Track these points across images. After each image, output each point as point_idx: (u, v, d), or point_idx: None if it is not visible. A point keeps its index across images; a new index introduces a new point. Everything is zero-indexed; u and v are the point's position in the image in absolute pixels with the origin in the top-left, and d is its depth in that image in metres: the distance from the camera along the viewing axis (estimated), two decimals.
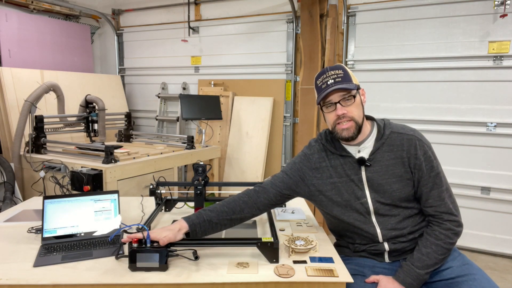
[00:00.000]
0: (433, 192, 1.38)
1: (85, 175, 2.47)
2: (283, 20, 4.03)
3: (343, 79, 1.37)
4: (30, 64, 4.18)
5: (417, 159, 1.39)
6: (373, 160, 1.43)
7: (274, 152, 4.14)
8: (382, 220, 1.43)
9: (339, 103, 1.38)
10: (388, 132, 1.44)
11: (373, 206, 1.43)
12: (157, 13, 4.77)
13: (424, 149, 1.40)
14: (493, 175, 3.24)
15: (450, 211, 1.38)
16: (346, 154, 1.46)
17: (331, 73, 1.40)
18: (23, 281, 1.17)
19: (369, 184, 1.43)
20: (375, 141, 1.45)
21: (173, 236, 1.29)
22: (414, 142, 1.40)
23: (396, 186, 1.40)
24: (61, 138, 3.69)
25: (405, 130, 1.44)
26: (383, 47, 3.56)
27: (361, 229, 1.45)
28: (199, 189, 1.77)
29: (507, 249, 3.23)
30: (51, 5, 4.36)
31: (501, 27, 3.10)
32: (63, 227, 1.50)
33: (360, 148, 1.45)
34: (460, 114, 3.31)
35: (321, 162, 1.50)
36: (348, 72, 1.41)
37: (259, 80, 4.21)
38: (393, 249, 1.43)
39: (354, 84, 1.38)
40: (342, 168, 1.46)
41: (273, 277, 1.22)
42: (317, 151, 1.52)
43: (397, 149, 1.42)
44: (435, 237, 1.36)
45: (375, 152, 1.43)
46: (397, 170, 1.41)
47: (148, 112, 4.98)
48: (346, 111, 1.38)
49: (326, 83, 1.39)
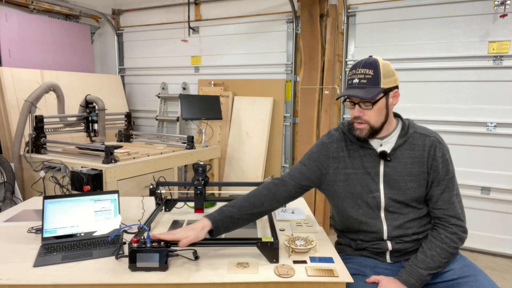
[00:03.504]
0: (444, 195, 1.40)
1: (85, 175, 2.47)
2: (283, 20, 4.03)
3: (368, 81, 1.34)
4: (30, 64, 4.18)
5: (434, 160, 1.41)
6: (393, 156, 1.44)
7: (274, 152, 4.14)
8: (390, 217, 1.43)
9: (358, 105, 1.38)
10: (412, 131, 1.45)
11: (384, 201, 1.43)
12: (157, 13, 4.77)
13: (443, 152, 1.42)
14: (493, 175, 3.24)
15: (457, 215, 1.38)
16: (368, 146, 1.46)
17: (360, 71, 1.36)
18: (23, 281, 1.17)
19: (385, 179, 1.43)
20: (397, 137, 1.45)
21: (196, 236, 1.27)
22: (434, 144, 1.42)
23: (411, 184, 1.41)
24: (61, 138, 3.69)
25: (427, 132, 1.46)
26: (383, 47, 3.56)
27: (367, 224, 1.45)
28: (199, 189, 1.77)
29: (507, 249, 3.23)
30: (51, 5, 4.36)
31: (501, 27, 3.10)
32: (63, 227, 1.50)
33: (383, 142, 1.45)
34: (460, 114, 3.31)
35: (339, 152, 1.50)
36: (380, 73, 1.34)
37: (259, 80, 4.21)
38: (396, 248, 1.43)
39: (378, 89, 1.33)
40: (360, 160, 1.46)
41: (273, 277, 1.22)
42: (336, 140, 1.52)
43: (418, 148, 1.43)
44: (440, 240, 1.37)
45: (397, 148, 1.44)
46: (415, 169, 1.42)
47: (148, 112, 4.98)
48: (363, 114, 1.38)
49: (352, 81, 1.38)
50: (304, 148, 3.84)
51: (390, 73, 1.37)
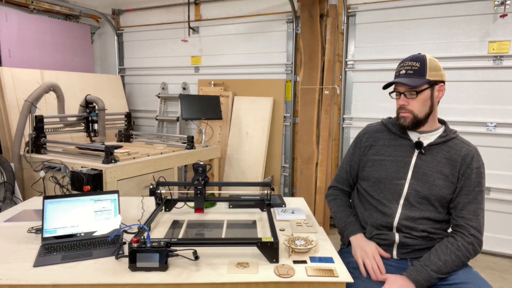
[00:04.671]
0: (471, 206, 1.41)
1: (85, 175, 2.47)
2: (283, 20, 4.03)
3: (415, 72, 1.42)
4: (30, 64, 4.18)
5: (468, 168, 1.43)
6: (428, 151, 1.48)
7: (274, 152, 4.14)
8: (407, 207, 1.46)
9: (404, 94, 1.45)
10: (453, 136, 1.49)
11: (407, 190, 1.46)
12: (157, 13, 4.77)
13: (479, 164, 1.44)
14: (493, 175, 3.24)
15: (479, 228, 1.40)
16: (406, 137, 1.52)
17: (408, 63, 1.45)
18: (23, 281, 1.17)
19: (414, 170, 1.47)
20: (438, 137, 1.49)
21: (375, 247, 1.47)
22: (472, 154, 1.45)
23: (439, 182, 1.44)
24: (61, 138, 3.69)
25: (468, 143, 1.50)
26: (383, 47, 3.56)
27: (383, 205, 1.49)
28: (199, 189, 1.77)
29: (507, 249, 3.23)
30: (51, 5, 4.36)
31: (501, 27, 3.10)
32: (63, 227, 1.50)
33: (422, 136, 1.50)
34: (460, 114, 3.32)
35: (372, 141, 1.59)
36: (426, 65, 1.42)
37: (259, 80, 4.21)
38: (403, 242, 1.45)
39: (423, 80, 1.41)
40: (394, 149, 1.52)
41: (273, 277, 1.22)
42: (371, 131, 1.62)
43: (454, 152, 1.46)
44: (457, 247, 1.37)
45: (434, 145, 1.48)
46: (446, 169, 1.45)
47: (148, 112, 4.98)
48: (407, 103, 1.45)
49: (399, 72, 1.46)
50: (304, 148, 3.85)
51: (437, 68, 1.44)
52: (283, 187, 4.25)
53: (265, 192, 1.91)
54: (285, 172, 4.20)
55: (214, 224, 1.69)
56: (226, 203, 2.00)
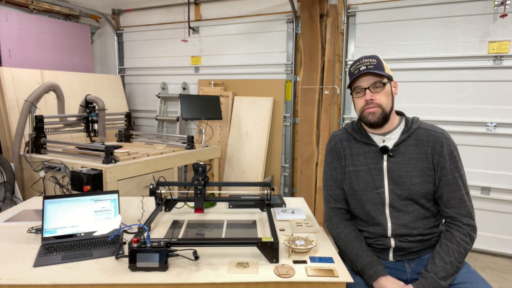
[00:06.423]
0: (456, 194, 1.39)
1: (85, 175, 2.47)
2: (283, 20, 4.03)
3: (375, 66, 1.41)
4: (30, 64, 4.18)
5: (441, 157, 1.39)
6: (397, 152, 1.44)
7: (274, 152, 4.14)
8: (395, 215, 1.43)
9: (369, 89, 1.42)
10: (416, 127, 1.46)
11: (389, 197, 1.43)
12: (157, 13, 4.77)
13: (450, 148, 1.40)
14: (493, 175, 3.24)
15: (470, 214, 1.39)
16: (371, 142, 1.48)
17: (364, 61, 1.44)
18: (23, 281, 1.17)
19: (389, 175, 1.44)
20: (401, 133, 1.46)
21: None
22: (441, 140, 1.41)
23: (416, 180, 1.41)
24: (61, 138, 3.69)
25: (433, 128, 1.46)
26: (383, 47, 3.56)
27: (373, 218, 1.46)
28: (199, 189, 1.77)
29: (507, 249, 3.23)
30: (51, 5, 4.36)
31: (501, 27, 3.10)
32: (63, 227, 1.50)
33: (385, 138, 1.47)
34: (460, 114, 3.31)
35: (343, 152, 1.54)
36: (382, 62, 1.44)
37: (259, 80, 4.21)
38: (399, 246, 1.44)
39: (386, 72, 1.41)
40: (364, 157, 1.48)
41: (273, 277, 1.22)
42: (339, 141, 1.56)
43: (422, 144, 1.42)
44: (456, 243, 1.35)
45: (400, 143, 1.44)
46: (420, 164, 1.41)
47: (148, 112, 4.98)
48: (375, 97, 1.41)
49: (359, 69, 1.43)
50: (304, 148, 3.85)
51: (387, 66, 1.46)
52: (283, 187, 4.25)
53: (265, 192, 1.91)
54: (285, 172, 4.20)
55: (214, 224, 1.69)
56: (226, 203, 2.00)
